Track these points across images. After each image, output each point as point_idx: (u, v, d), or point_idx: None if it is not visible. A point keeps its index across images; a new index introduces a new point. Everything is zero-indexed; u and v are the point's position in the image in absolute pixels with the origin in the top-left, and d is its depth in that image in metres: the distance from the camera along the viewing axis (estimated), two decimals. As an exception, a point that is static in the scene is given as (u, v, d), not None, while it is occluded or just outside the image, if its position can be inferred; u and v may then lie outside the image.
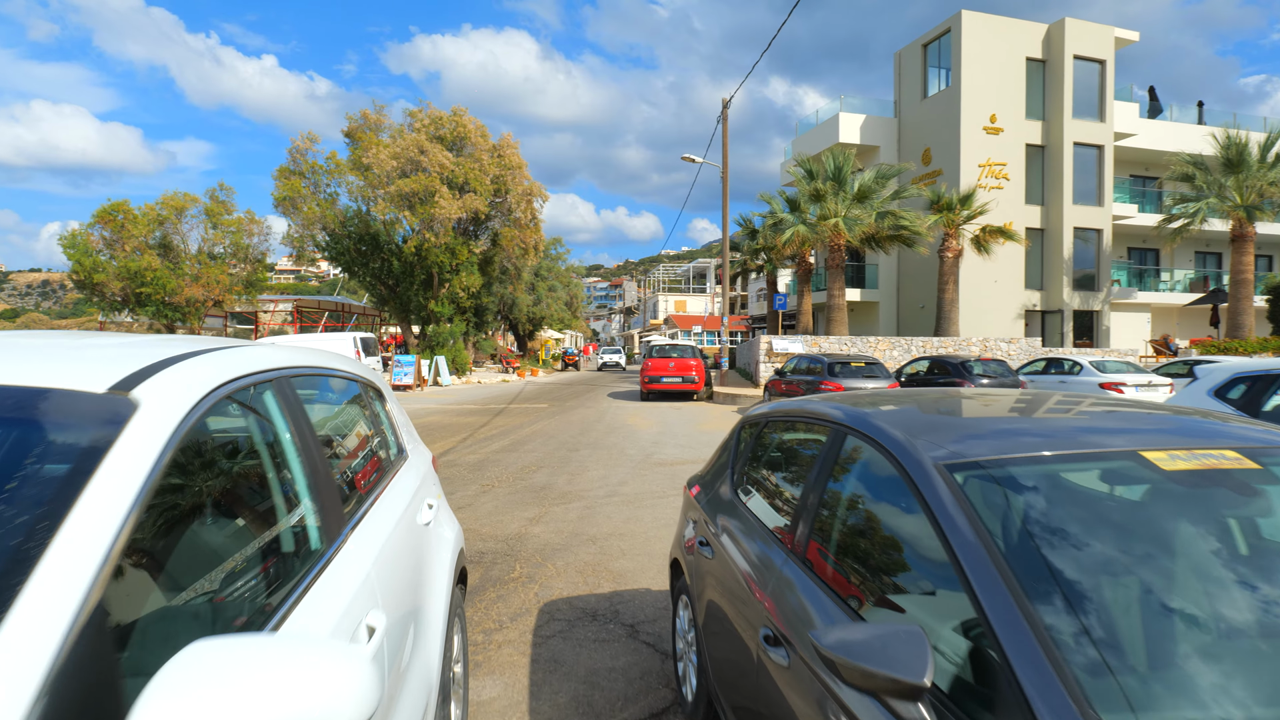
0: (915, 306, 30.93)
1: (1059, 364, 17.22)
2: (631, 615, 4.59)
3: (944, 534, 1.60)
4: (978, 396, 2.68)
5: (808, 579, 2.07)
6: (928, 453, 1.82)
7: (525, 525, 6.84)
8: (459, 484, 8.79)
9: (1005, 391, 2.88)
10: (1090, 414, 2.22)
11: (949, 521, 1.61)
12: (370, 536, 1.94)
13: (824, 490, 2.24)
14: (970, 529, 1.57)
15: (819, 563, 2.11)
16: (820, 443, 2.44)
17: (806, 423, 2.69)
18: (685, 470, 9.80)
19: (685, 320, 67.45)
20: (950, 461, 1.77)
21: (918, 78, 30.97)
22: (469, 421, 15.77)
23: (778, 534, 2.42)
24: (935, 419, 2.18)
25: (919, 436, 1.92)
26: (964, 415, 2.32)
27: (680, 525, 3.62)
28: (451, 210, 26.81)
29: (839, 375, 14.83)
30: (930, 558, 1.69)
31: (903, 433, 1.97)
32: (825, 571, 2.06)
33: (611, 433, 13.93)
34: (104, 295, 24.54)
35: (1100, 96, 29.36)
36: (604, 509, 7.52)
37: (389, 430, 2.84)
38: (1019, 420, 2.21)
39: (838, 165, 24.00)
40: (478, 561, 5.72)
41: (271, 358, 1.79)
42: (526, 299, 48.96)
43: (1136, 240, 32.87)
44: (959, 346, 23.42)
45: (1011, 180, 28.72)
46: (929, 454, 1.81)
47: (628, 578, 5.35)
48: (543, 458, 10.83)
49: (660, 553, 5.95)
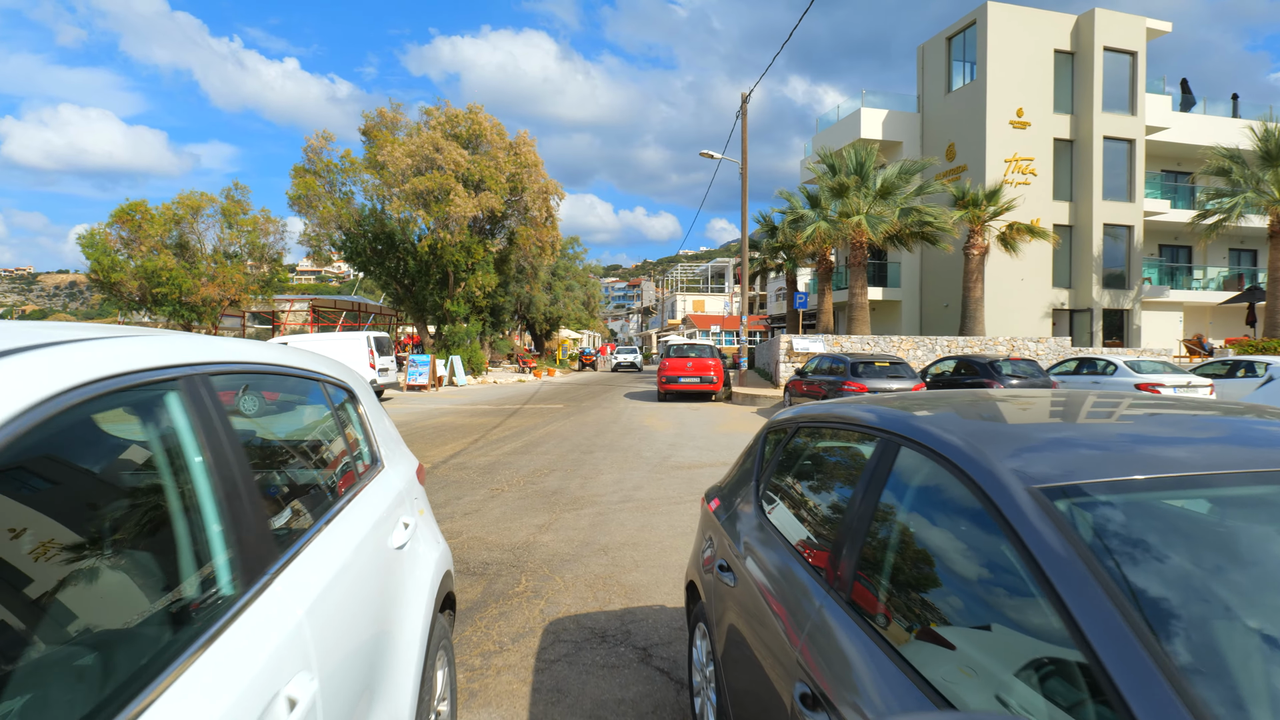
0: (939, 305, 30.26)
1: (1091, 364, 16.60)
2: (644, 636, 4.20)
3: (1047, 582, 1.20)
4: (1049, 398, 2.26)
5: (854, 625, 1.67)
6: (1013, 472, 1.41)
7: (534, 533, 6.48)
8: (467, 488, 8.45)
9: (1075, 392, 2.45)
10: (1204, 420, 1.80)
11: (1054, 565, 1.21)
12: (313, 571, 1.57)
13: (871, 514, 1.83)
14: (1084, 576, 1.17)
15: (867, 602, 1.71)
16: (864, 455, 2.04)
17: (847, 430, 2.28)
18: (703, 474, 9.39)
19: (703, 320, 66.97)
20: (1047, 485, 1.36)
21: (941, 72, 30.30)
22: (482, 422, 15.46)
23: (814, 563, 2.02)
24: (1012, 428, 1.77)
25: (997, 450, 1.52)
26: (1046, 421, 1.90)
27: (697, 543, 3.22)
28: (467, 208, 26.55)
29: (862, 375, 14.34)
30: (1029, 612, 1.28)
31: (975, 444, 1.56)
32: (875, 616, 1.66)
33: (627, 434, 13.55)
34: (121, 295, 24.56)
35: (1131, 89, 28.52)
36: (617, 516, 7.14)
37: (361, 437, 2.47)
38: (1120, 427, 1.79)
39: (860, 160, 23.45)
40: (481, 573, 5.36)
41: (183, 351, 1.42)
42: (543, 298, 48.72)
43: (1168, 237, 31.94)
44: (985, 346, 22.78)
45: (1039, 176, 27.96)
46: (1015, 474, 1.41)
47: (641, 593, 4.96)
48: (555, 460, 10.48)
49: (676, 565, 5.56)
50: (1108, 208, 28.11)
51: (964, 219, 23.63)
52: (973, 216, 23.58)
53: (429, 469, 9.72)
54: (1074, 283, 28.78)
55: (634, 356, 46.28)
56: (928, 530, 1.68)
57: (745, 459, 3.07)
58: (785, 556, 2.20)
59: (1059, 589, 1.17)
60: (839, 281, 32.55)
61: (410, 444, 12.11)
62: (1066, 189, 28.67)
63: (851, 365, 14.58)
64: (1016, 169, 27.59)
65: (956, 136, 29.23)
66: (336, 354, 20.33)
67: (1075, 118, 28.41)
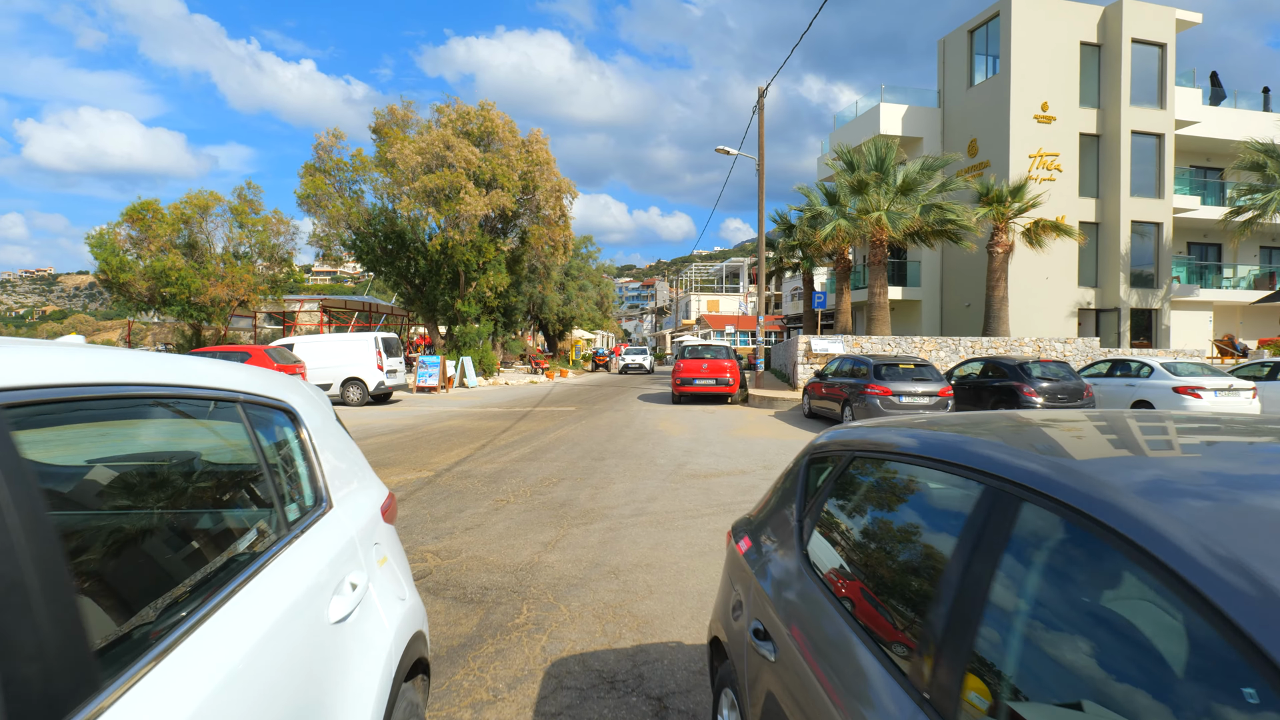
0: (960, 305, 29.51)
1: (1125, 365, 15.89)
2: (659, 682, 3.68)
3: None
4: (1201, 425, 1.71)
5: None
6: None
7: (539, 552, 5.97)
8: (470, 499, 7.96)
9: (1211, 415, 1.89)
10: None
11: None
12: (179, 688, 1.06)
13: (979, 595, 1.30)
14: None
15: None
16: (956, 503, 1.51)
17: (926, 466, 1.75)
18: (720, 484, 8.86)
19: (718, 320, 66.32)
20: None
21: (963, 65, 29.55)
22: (490, 426, 14.99)
23: (890, 654, 1.49)
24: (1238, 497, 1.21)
25: (1221, 536, 0.97)
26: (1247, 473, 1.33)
27: (724, 590, 2.69)
28: (478, 207, 26.11)
29: (886, 378, 13.74)
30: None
31: (1182, 526, 1.01)
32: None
33: (640, 439, 13.03)
34: (130, 295, 24.32)
35: (1160, 82, 27.66)
36: (629, 531, 6.63)
37: (302, 472, 1.96)
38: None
39: (880, 156, 22.78)
40: (479, 601, 4.86)
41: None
42: (556, 298, 48.30)
43: (1196, 235, 31.03)
44: (1010, 347, 22.06)
45: (1064, 172, 27.17)
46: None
47: (655, 625, 4.44)
48: (565, 468, 9.97)
49: (694, 591, 5.03)
50: (1136, 204, 27.26)
51: (988, 216, 22.91)
52: (997, 214, 22.86)
53: (432, 477, 9.25)
54: (1100, 282, 27.95)
55: (643, 358, 42.57)
56: (1081, 630, 1.14)
57: (781, 492, 2.54)
58: (845, 634, 1.67)
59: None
60: (856, 281, 31.86)
61: (415, 449, 11.68)
62: (1093, 185, 27.85)
63: (874, 367, 13.98)
64: (1041, 165, 26.81)
65: (979, 132, 28.49)
66: (343, 355, 19.93)
67: (1102, 112, 27.59)
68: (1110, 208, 27.43)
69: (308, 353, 19.83)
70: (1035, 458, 1.37)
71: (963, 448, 1.58)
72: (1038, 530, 1.25)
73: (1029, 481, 1.30)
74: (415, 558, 5.79)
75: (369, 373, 19.94)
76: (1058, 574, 1.20)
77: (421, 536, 6.41)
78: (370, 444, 12.36)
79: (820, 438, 2.47)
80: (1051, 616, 1.19)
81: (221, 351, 17.07)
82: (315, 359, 19.70)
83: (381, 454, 11.19)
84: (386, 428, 14.79)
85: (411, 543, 6.21)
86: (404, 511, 7.34)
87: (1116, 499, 1.11)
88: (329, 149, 27.87)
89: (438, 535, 6.46)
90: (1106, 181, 27.56)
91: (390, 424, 15.49)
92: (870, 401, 13.49)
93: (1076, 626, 1.14)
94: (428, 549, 6.04)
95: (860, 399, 13.75)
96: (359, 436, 13.37)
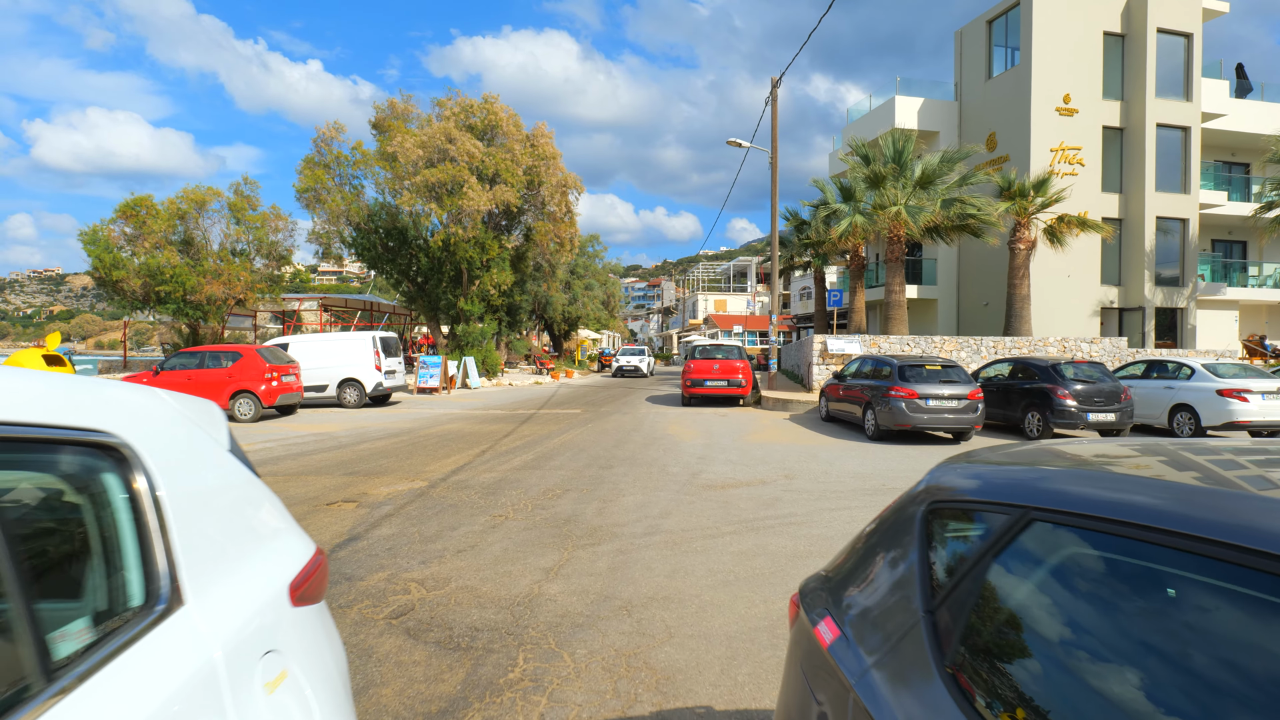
0: (977, 304, 28.62)
1: (1162, 367, 15.03)
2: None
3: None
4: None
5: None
6: None
7: (539, 581, 5.19)
8: (465, 514, 7.19)
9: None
10: None
11: None
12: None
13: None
14: None
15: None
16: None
17: (1218, 556, 0.96)
18: (739, 495, 8.07)
19: (725, 320, 65.52)
20: None
21: (981, 57, 28.67)
22: (491, 430, 14.23)
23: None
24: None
25: None
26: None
27: (794, 691, 1.89)
28: (480, 202, 25.32)
29: (911, 380, 12.91)
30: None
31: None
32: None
33: (650, 445, 12.25)
34: (124, 293, 23.63)
35: (1186, 73, 26.72)
36: (642, 554, 5.85)
37: (126, 551, 1.18)
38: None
39: (898, 149, 21.94)
40: (466, 648, 4.08)
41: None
42: (561, 298, 47.53)
43: (1221, 232, 30.09)
44: (1034, 347, 21.18)
45: (1087, 166, 26.23)
46: None
47: (678, 682, 3.66)
48: (570, 477, 9.20)
49: (721, 634, 4.26)
50: (1161, 200, 26.33)
51: (1010, 211, 22.04)
52: (1019, 208, 21.99)
53: (425, 488, 8.48)
54: (1124, 280, 27.02)
55: (639, 359, 37.09)
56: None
57: (881, 556, 1.75)
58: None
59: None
60: (869, 279, 31.01)
61: (410, 456, 10.91)
62: (1116, 180, 26.93)
63: (899, 368, 13.15)
64: (1063, 159, 25.91)
65: (998, 125, 27.60)
66: (339, 355, 19.20)
67: (1126, 104, 26.66)
68: (1134, 203, 26.51)
69: (302, 353, 19.10)
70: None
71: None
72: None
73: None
74: (398, 588, 5.03)
75: (366, 373, 19.19)
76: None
77: (407, 561, 5.64)
78: (363, 449, 11.62)
79: (943, 475, 1.68)
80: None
81: (210, 351, 16.36)
82: (310, 359, 18.97)
83: (373, 461, 10.44)
84: (382, 431, 14.04)
85: (395, 569, 5.45)
86: (390, 530, 6.58)
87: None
88: (329, 141, 27.12)
89: (425, 559, 5.70)
90: (1130, 176, 26.64)
91: (386, 427, 14.75)
92: (895, 405, 12.68)
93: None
94: (412, 577, 5.27)
95: (883, 402, 12.94)
96: (353, 441, 12.63)
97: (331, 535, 6.38)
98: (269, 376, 15.86)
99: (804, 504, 7.76)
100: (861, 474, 9.66)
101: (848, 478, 9.37)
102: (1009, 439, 13.58)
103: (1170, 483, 1.21)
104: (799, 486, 8.72)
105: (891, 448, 12.24)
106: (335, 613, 4.54)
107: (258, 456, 10.93)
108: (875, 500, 7.96)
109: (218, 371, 15.90)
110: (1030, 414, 13.64)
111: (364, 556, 5.75)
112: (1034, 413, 13.56)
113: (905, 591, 1.56)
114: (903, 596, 1.55)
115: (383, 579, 5.22)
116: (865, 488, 8.70)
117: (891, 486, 8.78)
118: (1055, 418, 13.11)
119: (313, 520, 6.91)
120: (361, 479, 9.03)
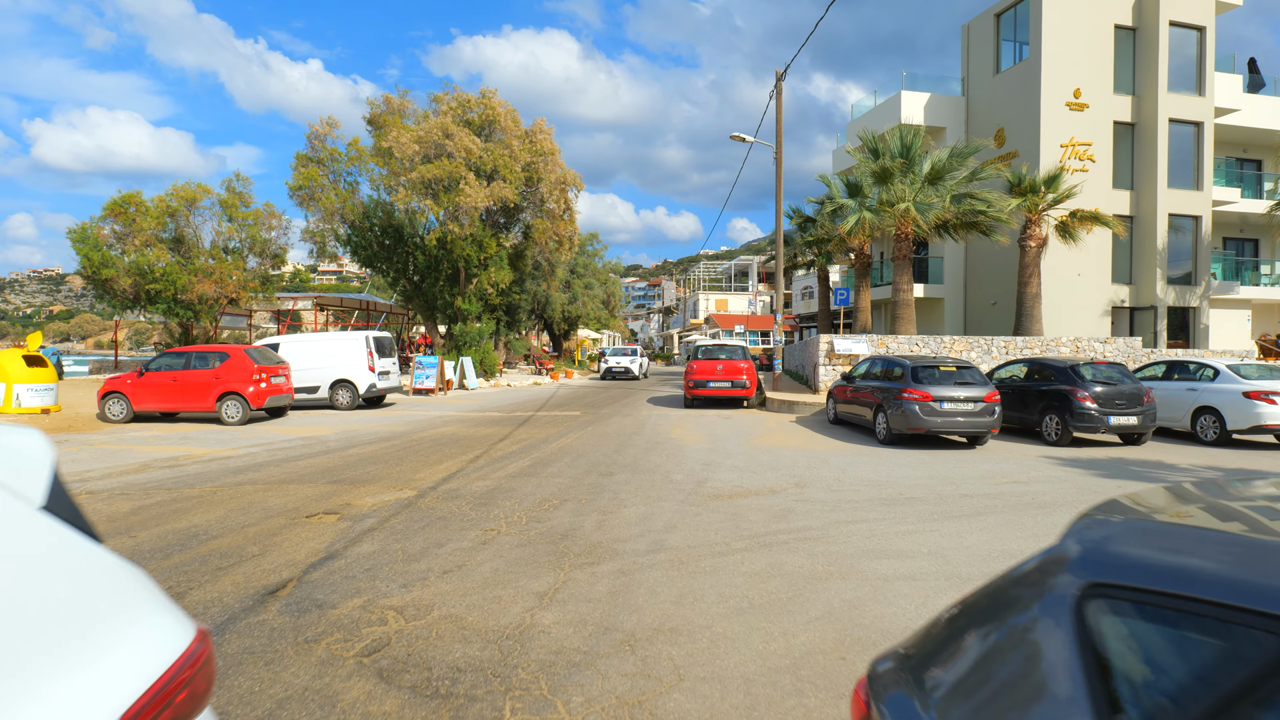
0: (985, 303, 28.07)
1: (1183, 368, 14.49)
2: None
3: None
4: None
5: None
6: None
7: (531, 608, 4.66)
8: (454, 528, 6.65)
9: None
10: None
11: None
12: None
13: None
14: None
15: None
16: None
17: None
18: (749, 507, 7.53)
19: (726, 320, 65.01)
20: None
21: (989, 51, 28.12)
22: (487, 434, 13.70)
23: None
24: None
25: None
26: None
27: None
28: (478, 199, 24.76)
29: (924, 381, 12.37)
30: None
31: None
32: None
33: (653, 450, 11.72)
34: (114, 292, 23.09)
35: (1199, 67, 26.16)
36: (646, 575, 5.32)
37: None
38: None
39: (906, 143, 21.40)
40: (446, 694, 3.54)
41: None
42: (561, 297, 46.99)
43: (1233, 229, 29.52)
44: (1046, 347, 20.64)
45: (1097, 162, 25.68)
46: None
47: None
48: (568, 485, 8.66)
49: (738, 675, 3.72)
50: (1173, 196, 25.78)
51: (1020, 208, 21.50)
52: (1030, 205, 21.45)
53: (413, 497, 7.94)
54: (1135, 278, 26.47)
55: (631, 361, 34.57)
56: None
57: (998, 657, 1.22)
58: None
59: None
60: (874, 278, 30.47)
61: (400, 462, 10.36)
62: (1127, 176, 26.38)
63: (911, 369, 12.61)
64: (1073, 154, 25.36)
65: (1006, 120, 27.05)
66: (331, 356, 18.68)
67: (1137, 99, 26.11)
68: (1146, 200, 25.96)
69: (293, 353, 18.55)
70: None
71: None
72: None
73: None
74: (374, 617, 4.49)
75: (359, 374, 18.64)
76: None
77: (387, 584, 5.11)
78: (351, 455, 11.08)
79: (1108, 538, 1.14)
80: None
81: (197, 351, 15.81)
82: (301, 360, 18.42)
83: (361, 467, 9.90)
84: (373, 435, 13.51)
85: (373, 593, 4.91)
86: (371, 546, 6.04)
87: None
88: (323, 138, 26.58)
89: (407, 582, 5.16)
90: (1142, 172, 26.09)
91: (378, 431, 14.22)
92: (908, 408, 12.14)
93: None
94: (391, 604, 4.73)
95: (896, 404, 12.41)
96: (341, 445, 12.09)
97: (306, 553, 5.85)
98: (257, 378, 15.32)
99: (818, 516, 7.22)
100: (876, 481, 9.13)
101: (862, 486, 8.84)
102: (1024, 443, 13.04)
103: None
104: (811, 496, 8.19)
105: (905, 452, 11.70)
106: (300, 648, 4.01)
107: (240, 462, 10.40)
108: (894, 511, 7.42)
109: (204, 372, 15.36)
110: (1048, 417, 13.10)
111: (339, 579, 5.22)
112: (1052, 415, 13.02)
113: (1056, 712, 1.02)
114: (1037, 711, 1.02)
115: (358, 606, 4.68)
116: (882, 497, 8.17)
117: (909, 496, 8.24)
118: (1075, 421, 12.57)
119: (287, 536, 6.38)
120: (346, 488, 8.49)
